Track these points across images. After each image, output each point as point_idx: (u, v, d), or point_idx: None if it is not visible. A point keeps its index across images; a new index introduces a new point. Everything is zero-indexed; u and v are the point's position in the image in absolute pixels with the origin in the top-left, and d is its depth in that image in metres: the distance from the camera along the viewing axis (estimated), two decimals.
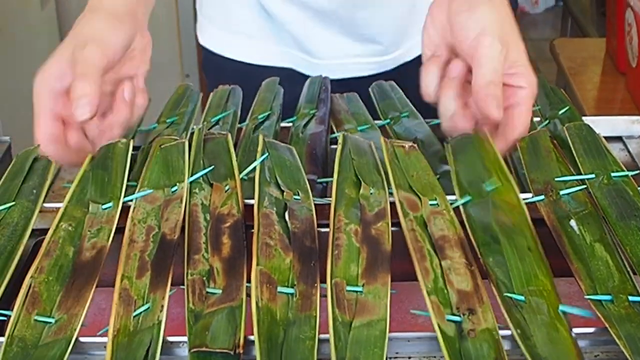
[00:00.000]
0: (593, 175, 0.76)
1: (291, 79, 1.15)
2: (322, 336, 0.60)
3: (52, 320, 0.62)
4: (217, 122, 0.94)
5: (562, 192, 0.74)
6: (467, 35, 0.81)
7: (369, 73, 1.20)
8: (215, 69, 1.29)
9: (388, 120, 0.95)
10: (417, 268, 0.63)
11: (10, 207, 0.75)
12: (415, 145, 0.81)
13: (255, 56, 1.24)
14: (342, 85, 1.14)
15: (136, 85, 0.87)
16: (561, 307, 0.60)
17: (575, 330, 0.59)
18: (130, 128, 0.87)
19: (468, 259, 0.65)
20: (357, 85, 1.12)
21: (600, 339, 0.62)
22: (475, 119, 0.82)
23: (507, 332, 0.59)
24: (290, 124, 0.94)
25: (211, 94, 1.00)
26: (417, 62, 1.09)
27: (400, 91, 1.02)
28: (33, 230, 0.74)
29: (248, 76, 1.10)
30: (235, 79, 1.06)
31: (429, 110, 0.91)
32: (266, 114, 0.95)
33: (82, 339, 0.61)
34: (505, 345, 0.59)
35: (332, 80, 1.06)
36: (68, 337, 0.60)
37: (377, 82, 1.05)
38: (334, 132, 0.93)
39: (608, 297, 0.62)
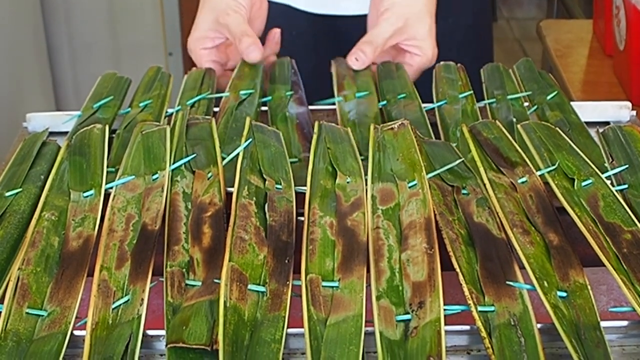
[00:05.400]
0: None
1: (287, 15, 1.20)
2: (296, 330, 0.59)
3: (45, 313, 0.60)
4: (192, 105, 0.92)
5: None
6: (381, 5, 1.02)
7: (361, 12, 1.18)
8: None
9: (384, 102, 0.94)
10: (372, 271, 0.62)
11: (17, 193, 0.73)
12: (406, 122, 0.79)
13: None
14: (336, 24, 1.20)
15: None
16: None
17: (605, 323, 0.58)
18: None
19: (430, 242, 0.64)
20: (352, 23, 1.17)
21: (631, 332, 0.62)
22: None
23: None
24: (266, 107, 0.94)
25: (185, 76, 0.99)
26: None
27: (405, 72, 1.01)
28: None
29: None
30: None
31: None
32: (249, 91, 0.94)
33: (76, 333, 0.59)
34: None
35: (325, 16, 1.11)
36: (64, 330, 0.58)
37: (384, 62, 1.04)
38: (334, 96, 0.95)
39: None
